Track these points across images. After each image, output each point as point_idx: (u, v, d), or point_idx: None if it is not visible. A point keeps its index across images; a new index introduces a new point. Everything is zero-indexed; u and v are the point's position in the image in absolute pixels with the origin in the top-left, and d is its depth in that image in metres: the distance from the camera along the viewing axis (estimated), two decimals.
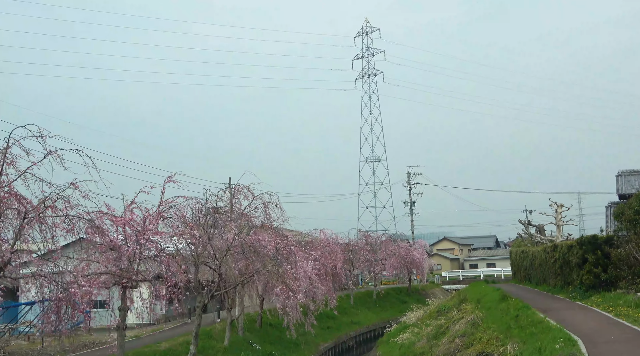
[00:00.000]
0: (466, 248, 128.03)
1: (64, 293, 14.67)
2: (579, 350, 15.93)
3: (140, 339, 30.15)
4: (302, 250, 32.87)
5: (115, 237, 19.17)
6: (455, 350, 24.79)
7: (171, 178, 19.90)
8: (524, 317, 22.97)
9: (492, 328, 24.30)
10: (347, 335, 46.15)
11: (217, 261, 24.02)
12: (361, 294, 60.53)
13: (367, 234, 60.17)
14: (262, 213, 33.92)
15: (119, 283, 18.99)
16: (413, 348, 31.06)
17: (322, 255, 45.41)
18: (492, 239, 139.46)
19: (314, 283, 38.09)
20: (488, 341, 21.95)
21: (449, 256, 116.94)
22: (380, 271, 62.25)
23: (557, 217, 50.43)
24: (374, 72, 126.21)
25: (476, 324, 27.30)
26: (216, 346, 28.54)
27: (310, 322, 37.15)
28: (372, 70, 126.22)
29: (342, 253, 50.92)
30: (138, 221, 19.82)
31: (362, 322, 50.49)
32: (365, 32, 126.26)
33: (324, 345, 40.55)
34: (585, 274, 27.75)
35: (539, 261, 36.28)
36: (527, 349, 17.19)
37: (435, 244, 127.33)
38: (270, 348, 33.24)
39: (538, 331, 19.66)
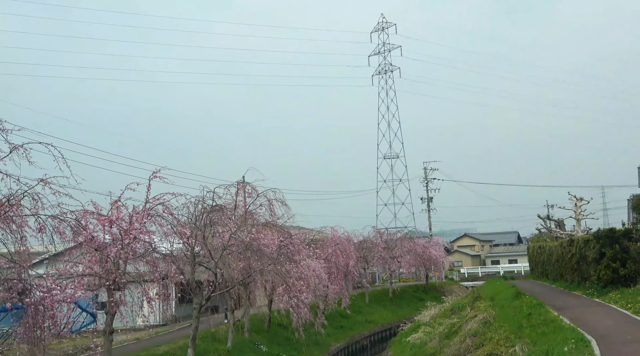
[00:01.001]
0: (487, 244, 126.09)
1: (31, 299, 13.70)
2: (591, 352, 14.70)
3: (140, 342, 29.28)
4: (308, 248, 31.65)
5: (101, 237, 18.24)
6: (465, 350, 23.59)
7: (157, 174, 18.89)
8: (536, 316, 21.73)
9: (504, 328, 23.09)
10: (361, 335, 45.02)
11: (213, 261, 23.04)
12: (377, 293, 59.39)
13: (382, 231, 58.81)
14: (267, 210, 33.00)
15: (103, 285, 18.06)
16: (424, 348, 29.90)
17: (334, 253, 44.38)
18: (514, 235, 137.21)
19: (324, 282, 37.08)
20: (498, 342, 20.76)
21: (469, 252, 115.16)
22: (396, 269, 61.00)
23: (576, 211, 48.84)
24: (390, 68, 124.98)
25: (488, 323, 26.09)
26: (219, 348, 27.57)
27: (320, 322, 36.15)
28: (389, 66, 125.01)
29: (355, 251, 49.78)
30: (126, 220, 18.88)
31: (377, 321, 49.34)
32: (381, 27, 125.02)
33: (335, 345, 39.46)
34: (603, 269, 26.35)
35: (556, 256, 34.87)
36: (535, 351, 15.98)
37: (456, 241, 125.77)
38: (278, 350, 32.23)
39: (549, 331, 18.44)
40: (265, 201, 32.80)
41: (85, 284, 17.65)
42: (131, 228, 17.98)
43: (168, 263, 20.19)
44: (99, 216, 18.29)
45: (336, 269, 44.24)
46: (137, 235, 18.10)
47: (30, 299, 13.48)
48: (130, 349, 26.27)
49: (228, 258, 24.76)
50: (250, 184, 32.13)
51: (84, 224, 18.05)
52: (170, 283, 19.39)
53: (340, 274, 45.27)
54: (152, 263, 18.58)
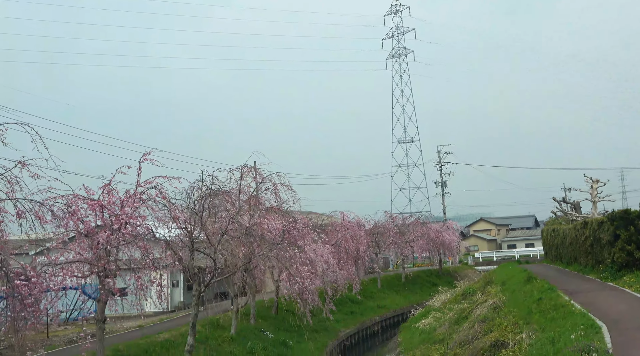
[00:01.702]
0: (504, 228, 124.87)
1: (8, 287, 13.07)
2: (601, 339, 13.87)
3: (142, 329, 28.79)
4: (312, 233, 30.89)
5: (91, 222, 17.60)
6: (473, 337, 22.83)
7: (147, 156, 18.14)
8: (546, 300, 20.89)
9: (513, 313, 22.29)
10: (372, 320, 44.35)
11: (211, 247, 22.35)
12: (389, 278, 58.67)
13: (394, 215, 57.96)
14: (272, 194, 32.32)
15: (93, 272, 17.43)
16: (433, 334, 29.18)
17: (343, 238, 43.69)
18: (530, 218, 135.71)
19: (332, 268, 36.41)
20: (506, 328, 19.97)
21: (485, 237, 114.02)
22: (409, 254, 60.19)
23: (592, 193, 47.67)
24: (404, 51, 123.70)
25: (498, 308, 25.32)
26: (222, 335, 27.02)
27: (328, 308, 35.52)
28: (403, 49, 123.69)
29: (367, 236, 49.04)
30: (118, 204, 18.21)
31: (388, 306, 48.64)
32: (394, 10, 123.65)
33: (345, 331, 38.83)
34: (617, 252, 25.36)
35: (570, 239, 33.86)
36: (541, 339, 15.17)
37: (472, 225, 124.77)
38: (285, 336, 31.65)
39: (559, 317, 17.62)
40: (270, 186, 32.15)
41: (74, 272, 17.01)
42: (122, 212, 17.30)
43: (163, 249, 19.54)
44: (89, 200, 17.63)
45: (346, 254, 43.56)
46: (128, 220, 17.42)
47: (6, 287, 12.88)
48: (130, 336, 25.75)
49: (229, 244, 24.12)
50: (255, 168, 31.44)
51: (75, 209, 17.48)
52: (166, 270, 18.69)
53: (351, 260, 44.60)
54: (144, 249, 17.89)
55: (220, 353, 24.96)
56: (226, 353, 25.16)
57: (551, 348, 13.15)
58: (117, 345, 21.86)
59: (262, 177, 31.49)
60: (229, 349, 25.70)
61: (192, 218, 22.49)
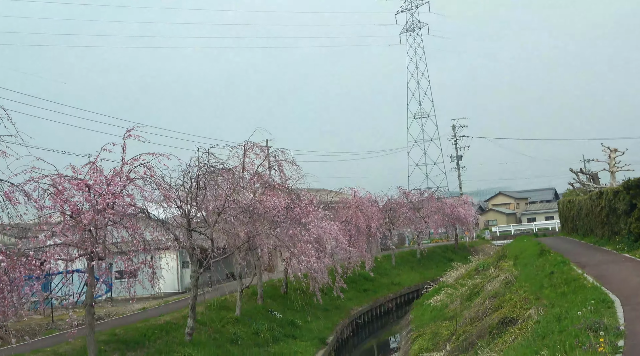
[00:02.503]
0: (523, 201, 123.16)
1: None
2: (613, 314, 12.89)
3: (146, 311, 28.23)
4: (317, 210, 30.02)
5: (77, 202, 16.84)
6: (483, 313, 21.90)
7: (131, 132, 17.27)
8: (558, 274, 19.90)
9: (524, 288, 21.30)
10: (386, 298, 43.59)
11: (209, 227, 21.63)
12: (404, 254, 57.80)
13: (408, 191, 56.92)
14: (277, 171, 31.52)
15: (80, 255, 16.70)
16: (444, 310, 28.34)
17: (354, 215, 42.85)
18: (550, 191, 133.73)
19: (342, 245, 35.64)
20: (515, 304, 18.99)
21: (504, 210, 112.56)
22: (423, 230, 59.23)
23: (610, 163, 46.30)
24: (418, 25, 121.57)
25: (510, 283, 24.34)
26: (226, 316, 26.37)
27: (339, 286, 34.81)
28: (417, 23, 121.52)
29: (379, 212, 48.12)
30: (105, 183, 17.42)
31: (403, 283, 47.83)
32: None
33: (357, 309, 38.11)
34: (634, 222, 24.22)
35: (585, 210, 32.71)
36: (547, 316, 14.23)
37: (490, 200, 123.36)
38: (294, 315, 30.96)
39: (570, 291, 16.65)
40: (274, 162, 31.33)
41: (60, 255, 16.29)
42: (107, 191, 16.51)
43: (155, 230, 18.82)
44: (74, 180, 16.86)
45: (357, 231, 42.76)
46: (114, 200, 16.62)
47: None
48: (132, 319, 25.18)
49: (230, 223, 23.36)
50: (258, 145, 30.59)
51: (61, 189, 16.76)
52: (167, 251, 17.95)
53: (363, 237, 43.82)
54: (132, 229, 17.12)
55: (223, 335, 24.32)
56: (229, 335, 24.51)
57: (557, 325, 12.21)
58: (114, 329, 21.24)
59: (265, 154, 30.67)
60: (233, 330, 25.06)
61: (188, 196, 21.77)
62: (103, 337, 19.97)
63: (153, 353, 20.09)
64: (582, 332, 10.75)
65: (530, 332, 13.24)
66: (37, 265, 15.22)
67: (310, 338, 27.77)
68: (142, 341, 20.58)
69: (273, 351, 24.61)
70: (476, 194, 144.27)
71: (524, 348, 11.79)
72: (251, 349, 24.14)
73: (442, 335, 23.36)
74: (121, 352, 19.22)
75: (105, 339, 19.82)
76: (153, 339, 21.14)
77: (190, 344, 21.68)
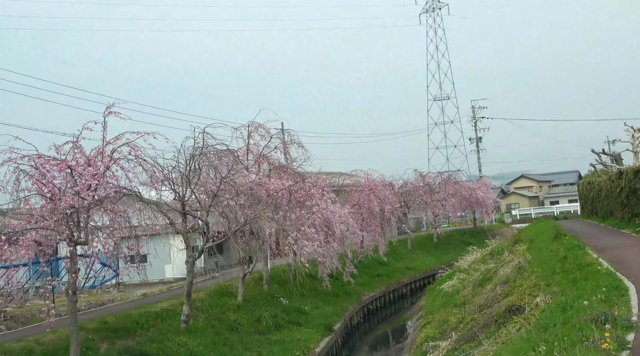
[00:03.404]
0: (546, 184, 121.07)
1: None
2: (626, 303, 11.72)
3: (147, 297, 27.51)
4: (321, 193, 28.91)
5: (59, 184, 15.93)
6: (492, 300, 20.77)
7: (111, 109, 16.26)
8: (571, 259, 18.67)
9: (536, 273, 20.11)
10: (400, 283, 42.53)
11: (202, 210, 20.70)
12: (421, 238, 56.66)
13: (425, 174, 55.59)
14: (282, 153, 30.51)
15: (60, 240, 15.84)
16: (455, 297, 27.21)
17: (367, 198, 41.77)
18: (574, 174, 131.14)
19: (352, 229, 34.60)
20: (525, 291, 17.85)
21: (527, 193, 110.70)
22: (440, 213, 57.93)
23: (634, 143, 44.70)
24: (438, 5, 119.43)
25: (522, 268, 23.14)
26: (228, 303, 25.50)
27: (349, 271, 33.87)
28: (437, 3, 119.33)
29: (393, 196, 46.95)
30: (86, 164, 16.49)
31: (418, 267, 46.70)
32: None
33: (369, 294, 37.11)
34: None
35: (605, 191, 31.28)
36: (551, 305, 13.08)
37: (513, 183, 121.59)
38: (301, 301, 30.04)
39: (581, 277, 15.45)
40: (280, 144, 30.31)
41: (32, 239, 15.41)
42: (85, 172, 15.57)
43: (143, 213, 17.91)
44: (54, 160, 15.95)
45: (369, 215, 41.71)
46: (95, 181, 15.68)
47: None
48: (130, 306, 24.41)
49: (227, 206, 22.44)
50: (263, 126, 29.53)
51: (43, 170, 15.88)
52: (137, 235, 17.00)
53: (376, 221, 42.77)
54: (113, 212, 16.20)
55: (222, 322, 23.46)
56: (229, 322, 23.65)
57: (560, 316, 11.08)
58: (105, 316, 20.40)
59: (270, 135, 29.62)
60: (234, 317, 24.18)
61: (180, 178, 20.84)
62: (93, 325, 19.17)
63: (145, 341, 19.26)
64: (586, 324, 9.61)
65: (534, 323, 12.11)
66: (9, 250, 14.41)
67: (316, 325, 26.84)
68: (134, 329, 19.76)
69: (275, 338, 23.71)
70: (499, 177, 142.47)
71: (522, 342, 10.71)
72: (251, 336, 23.28)
73: (450, 322, 22.29)
74: (110, 341, 18.40)
75: (94, 327, 19.01)
76: (146, 327, 20.30)
77: (186, 332, 20.84)
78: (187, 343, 19.94)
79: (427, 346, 20.38)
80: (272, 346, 22.65)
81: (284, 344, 23.05)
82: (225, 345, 21.28)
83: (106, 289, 37.56)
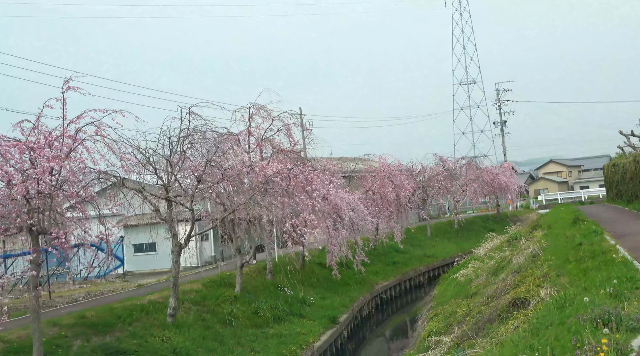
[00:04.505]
0: (575, 169, 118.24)
1: None
2: (638, 298, 10.02)
3: (142, 288, 26.31)
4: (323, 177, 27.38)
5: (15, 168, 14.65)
6: (502, 291, 19.11)
7: (69, 83, 14.76)
8: (586, 246, 16.92)
9: (549, 262, 18.42)
10: (416, 271, 40.94)
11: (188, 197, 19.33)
12: (441, 225, 54.93)
13: (445, 158, 53.64)
14: (286, 136, 28.99)
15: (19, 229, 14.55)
16: (468, 286, 25.54)
17: (381, 184, 40.17)
18: (605, 159, 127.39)
19: (362, 215, 33.08)
20: (533, 282, 16.18)
21: (556, 179, 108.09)
22: (461, 199, 56.04)
23: None
24: None
25: (536, 256, 21.43)
26: (225, 294, 24.15)
27: (360, 259, 32.40)
28: None
29: (410, 181, 45.24)
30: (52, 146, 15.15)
31: (437, 255, 45.01)
32: None
33: (382, 283, 35.58)
34: None
35: (630, 173, 29.28)
36: (553, 301, 11.41)
37: (541, 168, 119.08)
38: (307, 292, 28.67)
39: (593, 267, 13.74)
40: (282, 126, 28.78)
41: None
42: (41, 154, 14.24)
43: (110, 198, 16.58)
44: (13, 142, 14.67)
45: (383, 201, 40.14)
46: (57, 164, 14.34)
47: None
48: (111, 299, 23.17)
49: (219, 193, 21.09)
50: (264, 107, 28.04)
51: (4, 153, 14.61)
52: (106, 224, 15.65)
53: (391, 207, 41.16)
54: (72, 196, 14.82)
55: (216, 315, 22.12)
56: (223, 315, 22.28)
57: (557, 315, 9.44)
58: (83, 311, 19.15)
59: (272, 117, 28.14)
60: (229, 309, 22.81)
61: (166, 163, 19.50)
62: (69, 321, 17.93)
63: (124, 337, 17.97)
64: (584, 326, 7.99)
65: (531, 322, 10.49)
66: None
67: (320, 316, 25.39)
68: (114, 324, 18.48)
69: (272, 332, 22.31)
70: (529, 163, 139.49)
71: (511, 347, 9.11)
72: (246, 330, 21.89)
73: (457, 315, 20.70)
74: (85, 337, 17.13)
75: (70, 323, 17.76)
76: (129, 321, 19.02)
77: (172, 326, 19.54)
78: (171, 339, 18.65)
79: (430, 341, 18.84)
80: (268, 341, 21.25)
81: (281, 338, 21.64)
82: (215, 340, 19.93)
83: (110, 279, 36.62)
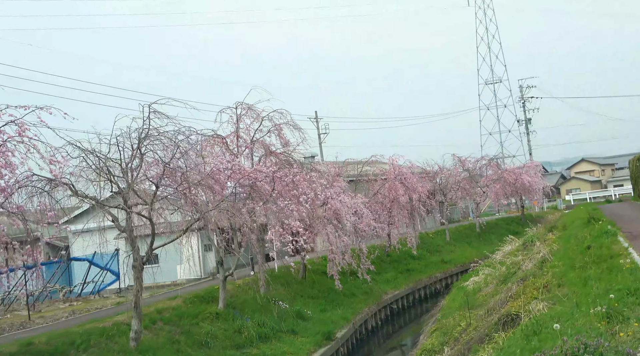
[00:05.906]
0: (609, 168, 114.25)
1: None
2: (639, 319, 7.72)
3: (121, 305, 24.32)
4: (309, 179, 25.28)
5: None
6: (502, 303, 16.79)
7: None
8: (594, 250, 14.57)
9: (556, 268, 16.10)
10: (432, 278, 38.41)
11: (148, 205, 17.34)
12: (462, 229, 52.27)
13: (464, 158, 51.07)
14: (277, 137, 27.05)
15: None
16: (476, 296, 23.26)
17: (392, 186, 37.88)
18: None
19: (367, 221, 30.94)
20: (531, 293, 13.91)
21: (588, 178, 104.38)
22: (481, 201, 53.40)
23: None
24: None
25: (545, 262, 19.10)
26: (205, 311, 22.05)
27: (365, 268, 30.26)
28: None
29: (425, 183, 42.87)
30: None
31: (455, 260, 42.40)
32: None
33: (392, 293, 33.19)
34: None
35: None
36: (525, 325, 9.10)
37: (573, 167, 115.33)
38: (306, 305, 26.53)
39: (595, 275, 11.43)
40: (272, 127, 26.81)
41: None
42: None
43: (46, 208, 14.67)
44: None
45: (394, 205, 37.86)
46: None
47: None
48: (83, 319, 21.25)
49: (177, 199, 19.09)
50: (252, 107, 26.15)
51: None
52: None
53: (403, 211, 38.86)
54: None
55: (191, 336, 20.02)
56: (200, 335, 20.14)
57: (526, 344, 7.18)
58: (35, 336, 17.22)
59: (260, 117, 26.21)
60: (207, 329, 20.70)
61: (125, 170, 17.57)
62: (12, 348, 16.03)
63: None
64: None
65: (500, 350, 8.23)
66: None
67: (315, 332, 23.21)
68: (65, 352, 16.52)
69: (254, 353, 20.16)
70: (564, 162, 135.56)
71: None
72: (225, 352, 19.75)
73: (455, 331, 18.40)
74: None
75: (13, 351, 15.85)
76: (84, 348, 17.02)
77: (135, 352, 17.48)
78: None
79: None
80: None
81: None
82: None
83: (105, 295, 34.86)
